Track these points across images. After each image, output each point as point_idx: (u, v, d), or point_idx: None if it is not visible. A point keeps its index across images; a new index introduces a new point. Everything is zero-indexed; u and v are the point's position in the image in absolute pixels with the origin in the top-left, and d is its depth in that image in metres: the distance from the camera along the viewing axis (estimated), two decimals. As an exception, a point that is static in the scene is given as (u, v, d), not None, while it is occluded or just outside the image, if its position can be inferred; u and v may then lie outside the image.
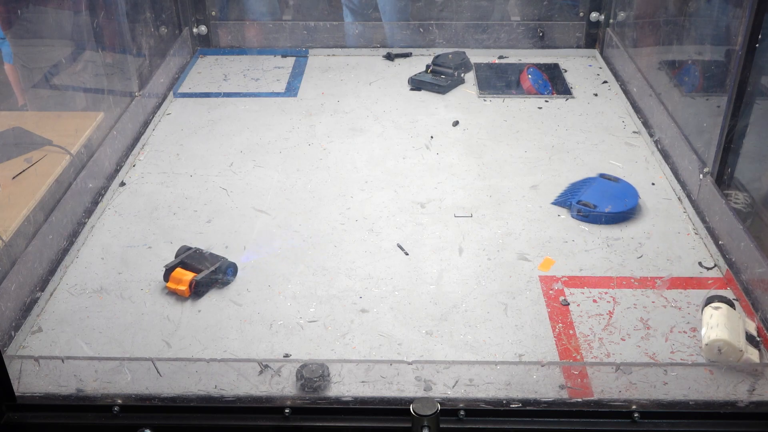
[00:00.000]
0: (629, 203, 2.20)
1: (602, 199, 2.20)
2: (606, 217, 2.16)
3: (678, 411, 1.48)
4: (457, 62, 3.09)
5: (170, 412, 1.50)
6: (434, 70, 3.06)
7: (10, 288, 1.77)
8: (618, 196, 2.23)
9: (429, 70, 3.06)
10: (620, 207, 2.19)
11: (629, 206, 2.20)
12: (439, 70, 3.06)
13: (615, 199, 2.21)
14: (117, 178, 2.40)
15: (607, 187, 2.28)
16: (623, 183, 2.31)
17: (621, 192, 2.26)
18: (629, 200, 2.22)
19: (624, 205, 2.19)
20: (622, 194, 2.24)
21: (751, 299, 1.83)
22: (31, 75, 2.32)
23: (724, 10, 2.36)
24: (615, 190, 2.27)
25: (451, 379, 1.60)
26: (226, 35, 3.40)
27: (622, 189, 2.28)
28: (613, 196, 2.23)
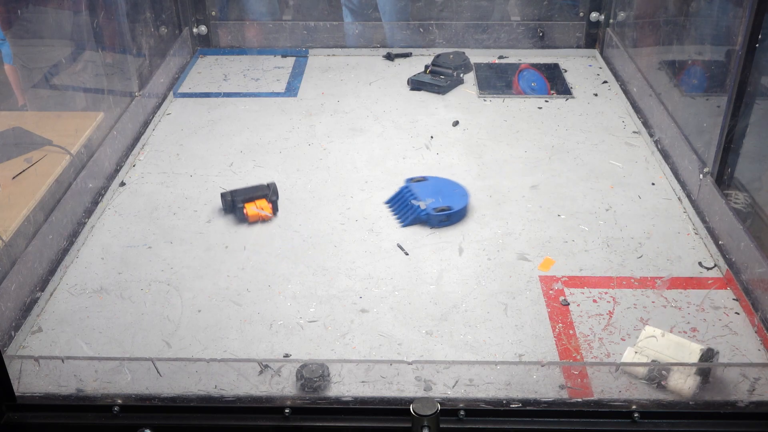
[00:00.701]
0: (465, 197, 2.23)
1: (443, 197, 2.21)
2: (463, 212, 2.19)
3: (678, 411, 1.48)
4: (457, 63, 3.09)
5: (170, 412, 1.50)
6: (433, 70, 3.06)
7: (10, 288, 1.77)
8: (448, 193, 2.25)
9: (428, 71, 3.06)
10: (463, 202, 2.20)
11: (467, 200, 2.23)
12: (439, 70, 3.06)
13: (449, 195, 2.23)
14: (117, 178, 2.40)
15: (432, 188, 2.27)
16: (433, 179, 2.32)
17: (445, 188, 2.28)
18: (461, 192, 2.25)
19: (463, 200, 2.21)
20: (448, 190, 2.26)
21: (751, 299, 1.83)
22: (31, 75, 2.32)
23: (724, 10, 2.36)
24: (440, 188, 2.28)
25: (451, 379, 1.60)
26: (226, 35, 3.40)
27: (443, 185, 2.29)
28: (443, 193, 2.24)
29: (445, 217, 2.16)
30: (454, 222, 2.17)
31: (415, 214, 2.17)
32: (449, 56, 3.13)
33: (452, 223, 2.17)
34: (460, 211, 2.19)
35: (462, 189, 2.28)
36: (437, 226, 2.15)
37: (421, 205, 2.16)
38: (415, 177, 2.33)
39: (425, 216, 2.16)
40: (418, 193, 2.23)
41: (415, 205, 2.19)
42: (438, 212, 2.15)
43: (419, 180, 2.31)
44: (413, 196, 2.22)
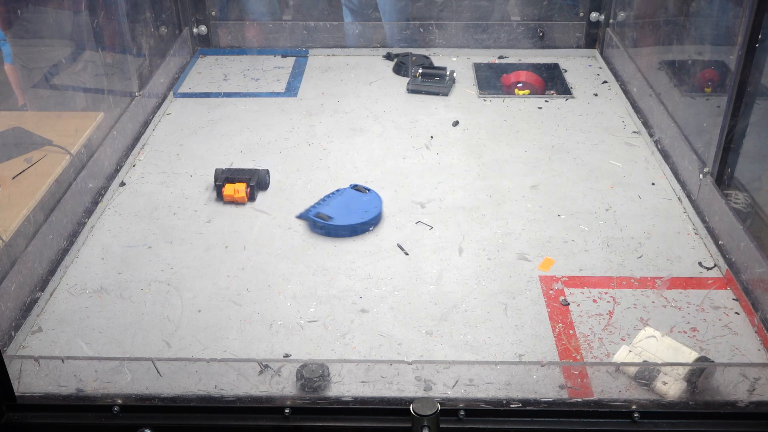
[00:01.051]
0: (367, 215, 2.17)
1: (341, 211, 2.19)
2: (341, 229, 2.13)
3: (678, 411, 1.48)
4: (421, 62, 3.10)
5: (170, 412, 1.50)
6: (424, 74, 3.04)
7: (10, 288, 1.77)
8: (359, 208, 2.20)
9: (418, 74, 3.04)
10: (356, 219, 2.15)
11: (366, 218, 2.15)
12: (431, 73, 3.05)
13: (354, 211, 2.19)
14: (117, 178, 2.40)
15: (352, 199, 2.25)
16: (372, 194, 2.27)
17: (365, 204, 2.23)
18: (369, 212, 2.18)
19: (360, 218, 2.15)
20: (365, 206, 2.21)
21: (751, 299, 1.83)
22: (31, 75, 2.31)
23: (724, 10, 2.36)
24: (359, 202, 2.23)
25: (451, 379, 1.60)
26: (226, 35, 3.40)
27: (367, 200, 2.24)
28: (354, 208, 2.21)
29: (319, 225, 2.14)
30: (333, 235, 2.13)
31: (306, 211, 2.20)
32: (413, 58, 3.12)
33: (331, 235, 2.13)
34: (338, 228, 2.13)
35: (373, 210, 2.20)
36: (315, 230, 2.15)
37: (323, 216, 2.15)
38: (359, 185, 2.31)
39: (309, 217, 2.17)
40: (336, 197, 2.25)
41: (315, 204, 2.23)
42: (317, 218, 2.15)
43: (359, 189, 2.30)
44: (330, 198, 2.25)
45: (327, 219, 2.14)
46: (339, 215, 2.17)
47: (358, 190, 2.29)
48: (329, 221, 2.13)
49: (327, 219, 2.14)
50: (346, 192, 2.29)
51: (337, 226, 2.13)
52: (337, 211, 2.19)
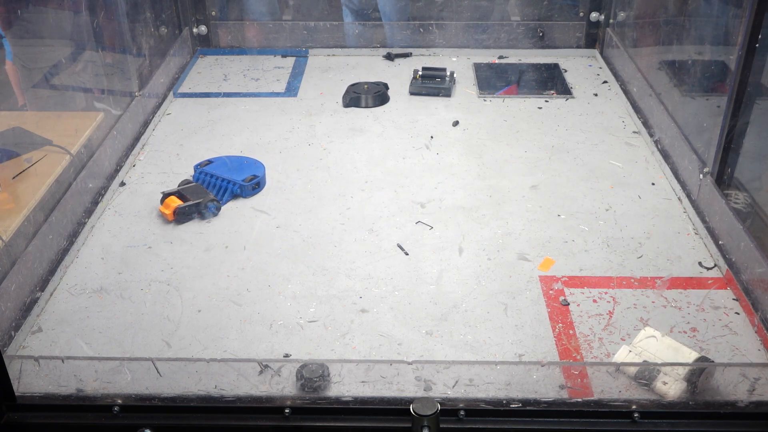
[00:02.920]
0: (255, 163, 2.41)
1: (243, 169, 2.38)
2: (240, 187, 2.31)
3: (678, 411, 1.48)
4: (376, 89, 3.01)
5: (170, 412, 1.50)
6: (424, 75, 3.03)
7: (10, 288, 1.77)
8: (242, 164, 2.40)
9: (418, 76, 3.03)
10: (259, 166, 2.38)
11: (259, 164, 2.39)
12: (430, 74, 3.03)
13: (246, 166, 2.40)
14: (117, 178, 2.40)
15: (229, 163, 2.41)
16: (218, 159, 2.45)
17: (239, 160, 2.43)
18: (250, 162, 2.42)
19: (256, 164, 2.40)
20: (241, 162, 2.42)
21: (751, 299, 1.83)
22: (31, 75, 2.31)
23: (724, 10, 2.36)
24: (234, 162, 2.42)
25: (451, 379, 1.60)
26: (226, 35, 3.40)
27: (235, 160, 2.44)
28: (240, 165, 2.40)
29: (256, 184, 2.32)
30: (262, 188, 2.34)
31: (228, 189, 2.30)
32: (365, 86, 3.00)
33: (261, 189, 2.33)
34: (263, 177, 2.36)
35: (251, 159, 2.44)
36: (250, 194, 2.30)
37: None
38: (202, 162, 2.44)
39: (238, 189, 2.30)
40: (217, 172, 2.36)
41: (223, 184, 2.31)
42: (248, 182, 2.30)
43: (206, 163, 2.42)
44: (215, 177, 2.34)
45: (254, 177, 2.32)
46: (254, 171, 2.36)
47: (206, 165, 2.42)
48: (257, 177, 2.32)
49: (254, 177, 2.32)
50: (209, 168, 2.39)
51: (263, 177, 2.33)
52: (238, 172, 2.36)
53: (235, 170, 2.36)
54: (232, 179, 2.31)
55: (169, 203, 2.19)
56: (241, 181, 2.30)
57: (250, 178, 2.32)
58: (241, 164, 2.40)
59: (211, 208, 2.20)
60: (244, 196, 2.30)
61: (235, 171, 2.36)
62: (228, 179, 2.32)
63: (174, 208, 2.17)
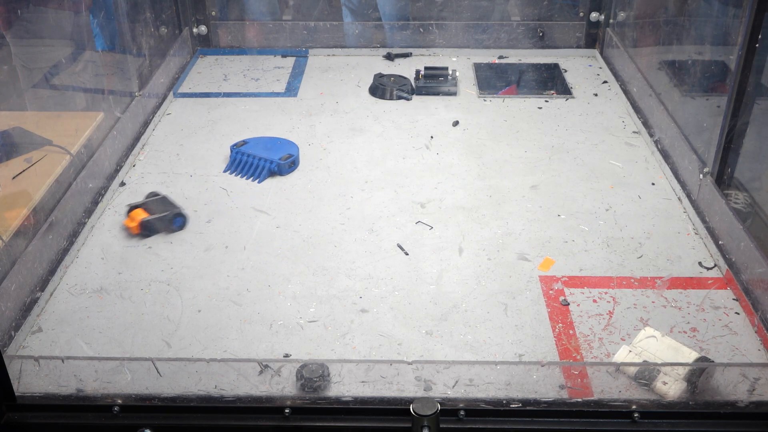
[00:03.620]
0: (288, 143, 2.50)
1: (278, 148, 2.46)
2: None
3: (678, 411, 1.48)
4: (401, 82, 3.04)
5: (170, 412, 1.50)
6: (427, 75, 3.02)
7: (10, 288, 1.77)
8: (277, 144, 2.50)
9: (421, 75, 3.02)
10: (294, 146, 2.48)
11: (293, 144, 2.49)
12: (433, 74, 3.03)
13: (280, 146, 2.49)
14: (117, 178, 2.40)
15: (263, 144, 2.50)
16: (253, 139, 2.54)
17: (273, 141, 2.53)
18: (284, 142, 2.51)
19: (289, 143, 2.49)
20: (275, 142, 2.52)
21: (751, 299, 1.83)
22: (31, 75, 2.31)
23: (724, 10, 2.36)
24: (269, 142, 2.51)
25: (451, 379, 1.60)
26: (226, 35, 3.40)
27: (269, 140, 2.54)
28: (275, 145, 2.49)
29: (292, 162, 2.42)
30: (297, 166, 2.44)
31: (266, 169, 2.40)
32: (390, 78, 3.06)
33: (296, 167, 2.44)
34: (298, 156, 2.46)
35: (285, 140, 2.53)
36: (287, 172, 2.41)
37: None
38: (238, 142, 2.51)
39: (276, 167, 2.40)
40: (254, 151, 2.44)
41: (260, 163, 2.40)
42: (285, 160, 2.40)
43: (242, 144, 2.50)
44: (252, 156, 2.43)
45: (290, 156, 2.41)
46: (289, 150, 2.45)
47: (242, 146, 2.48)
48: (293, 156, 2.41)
49: (290, 156, 2.41)
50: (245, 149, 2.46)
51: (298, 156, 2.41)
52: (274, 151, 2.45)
53: (271, 150, 2.44)
54: (270, 158, 2.40)
55: (135, 216, 2.14)
56: (278, 159, 2.39)
57: (287, 156, 2.41)
58: (275, 144, 2.49)
59: (177, 221, 2.15)
60: (282, 174, 2.40)
61: (271, 150, 2.44)
62: (265, 158, 2.40)
63: (139, 221, 2.12)
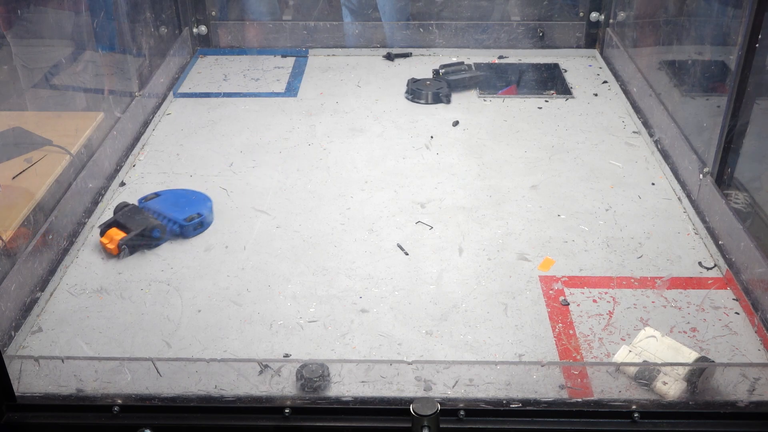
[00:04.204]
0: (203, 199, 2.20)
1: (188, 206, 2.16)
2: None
3: (678, 411, 1.48)
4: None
5: (170, 412, 1.50)
6: (447, 71, 3.03)
7: (10, 288, 1.77)
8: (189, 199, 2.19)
9: (442, 72, 3.03)
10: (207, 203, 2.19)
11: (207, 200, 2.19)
12: (454, 69, 3.04)
13: (192, 202, 2.18)
14: (117, 178, 2.40)
15: (173, 198, 2.20)
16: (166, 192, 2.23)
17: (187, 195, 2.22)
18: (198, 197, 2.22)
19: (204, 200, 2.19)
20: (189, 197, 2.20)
21: (751, 299, 1.83)
22: (31, 75, 2.31)
23: (724, 10, 2.36)
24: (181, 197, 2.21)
25: (451, 379, 1.60)
26: (226, 35, 3.40)
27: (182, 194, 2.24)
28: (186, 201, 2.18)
29: (199, 224, 2.12)
30: (206, 227, 2.14)
31: (169, 229, 2.10)
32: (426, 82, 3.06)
33: (205, 228, 2.14)
34: (208, 215, 2.16)
35: (201, 195, 2.24)
36: (192, 235, 2.10)
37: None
38: (147, 195, 2.23)
39: (178, 229, 2.10)
40: (160, 208, 2.15)
41: (166, 220, 2.11)
42: (189, 221, 2.10)
43: (152, 197, 2.21)
44: (157, 214, 2.13)
45: (198, 216, 2.11)
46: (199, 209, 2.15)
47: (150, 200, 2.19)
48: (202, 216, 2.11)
49: (198, 216, 2.11)
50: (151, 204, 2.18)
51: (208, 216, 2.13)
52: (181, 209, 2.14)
53: (179, 206, 2.15)
54: (174, 218, 2.11)
55: (113, 236, 2.03)
56: (182, 220, 2.10)
57: (192, 217, 2.11)
58: (188, 200, 2.20)
59: (155, 233, 2.05)
60: (186, 237, 2.10)
61: (179, 207, 2.14)
62: (169, 217, 2.11)
63: (117, 241, 2.02)
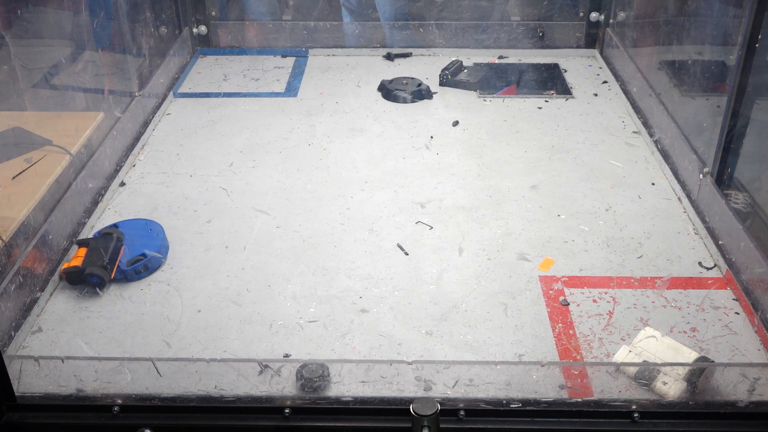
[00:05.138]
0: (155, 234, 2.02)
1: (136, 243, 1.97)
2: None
3: (678, 411, 1.48)
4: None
5: (170, 412, 1.50)
6: (453, 72, 3.04)
7: (10, 288, 1.77)
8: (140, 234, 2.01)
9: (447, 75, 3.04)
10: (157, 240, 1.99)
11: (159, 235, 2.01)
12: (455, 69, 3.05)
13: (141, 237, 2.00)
14: (117, 178, 2.40)
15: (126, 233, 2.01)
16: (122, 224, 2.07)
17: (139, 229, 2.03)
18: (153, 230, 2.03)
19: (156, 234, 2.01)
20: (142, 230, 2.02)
21: (751, 299, 1.83)
22: (31, 75, 2.31)
23: (724, 10, 2.36)
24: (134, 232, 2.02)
25: (451, 379, 1.60)
26: (226, 35, 3.40)
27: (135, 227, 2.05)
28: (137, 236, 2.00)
29: (142, 267, 1.92)
30: (155, 268, 1.94)
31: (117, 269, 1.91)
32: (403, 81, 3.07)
33: (153, 269, 1.94)
34: (156, 256, 1.96)
35: (157, 227, 2.05)
36: (135, 279, 1.92)
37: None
38: (105, 227, 2.06)
39: (121, 274, 1.91)
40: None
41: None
42: (131, 265, 1.91)
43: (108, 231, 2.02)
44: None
45: (141, 258, 1.93)
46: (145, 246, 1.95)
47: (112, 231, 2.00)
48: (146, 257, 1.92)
49: (141, 258, 1.93)
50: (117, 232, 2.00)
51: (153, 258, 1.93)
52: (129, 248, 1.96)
53: (133, 244, 1.96)
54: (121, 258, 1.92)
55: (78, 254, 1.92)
56: (123, 263, 1.91)
57: (134, 260, 1.92)
58: (142, 235, 2.01)
59: (93, 279, 1.86)
60: (129, 280, 1.92)
61: (132, 244, 1.96)
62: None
63: (62, 268, 1.91)
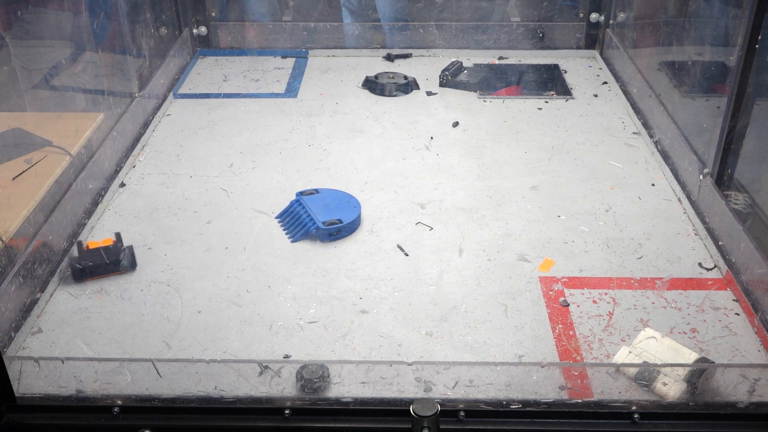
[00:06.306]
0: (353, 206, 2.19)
1: (334, 209, 2.16)
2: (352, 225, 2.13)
3: (678, 412, 1.48)
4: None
5: (170, 413, 1.50)
6: (454, 73, 3.04)
7: (10, 289, 1.77)
8: (340, 204, 2.19)
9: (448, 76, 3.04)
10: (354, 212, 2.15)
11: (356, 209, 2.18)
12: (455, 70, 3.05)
13: (340, 207, 2.18)
14: (117, 179, 2.40)
15: (327, 199, 2.21)
16: (325, 191, 2.26)
17: (341, 198, 2.22)
18: (351, 203, 2.20)
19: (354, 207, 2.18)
20: (342, 201, 2.21)
21: (751, 300, 1.83)
22: (31, 76, 2.31)
23: (724, 10, 2.36)
24: (334, 199, 2.22)
25: (451, 380, 1.60)
26: (226, 36, 3.40)
27: (337, 196, 2.24)
28: (337, 204, 2.19)
29: (336, 231, 2.09)
30: (345, 235, 2.11)
31: (304, 229, 2.11)
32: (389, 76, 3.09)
33: (344, 236, 2.11)
34: (352, 223, 2.13)
35: (354, 200, 2.22)
36: (328, 240, 2.09)
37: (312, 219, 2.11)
38: (306, 190, 2.26)
39: (315, 230, 2.09)
40: (309, 206, 2.16)
41: (304, 220, 2.13)
42: (327, 226, 2.09)
43: (310, 193, 2.24)
44: (304, 210, 2.15)
45: (337, 222, 2.10)
46: (342, 216, 2.13)
47: (308, 195, 2.22)
48: (341, 223, 2.10)
49: (337, 222, 2.10)
50: (306, 199, 2.21)
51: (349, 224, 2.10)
52: (328, 211, 2.15)
53: (329, 209, 2.16)
54: (314, 219, 2.11)
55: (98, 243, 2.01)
56: (320, 223, 2.10)
57: (331, 222, 2.10)
58: (339, 203, 2.20)
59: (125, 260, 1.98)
60: (322, 241, 2.10)
61: (328, 210, 2.15)
62: (310, 217, 2.13)
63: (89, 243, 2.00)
